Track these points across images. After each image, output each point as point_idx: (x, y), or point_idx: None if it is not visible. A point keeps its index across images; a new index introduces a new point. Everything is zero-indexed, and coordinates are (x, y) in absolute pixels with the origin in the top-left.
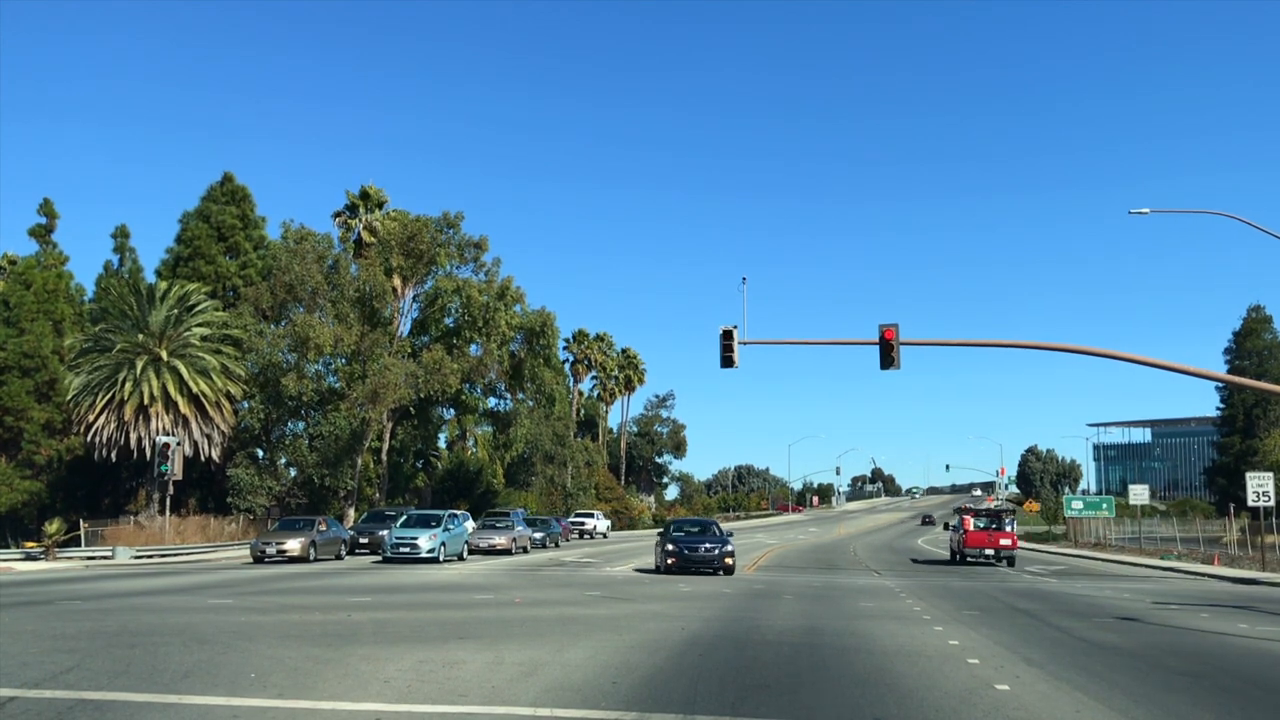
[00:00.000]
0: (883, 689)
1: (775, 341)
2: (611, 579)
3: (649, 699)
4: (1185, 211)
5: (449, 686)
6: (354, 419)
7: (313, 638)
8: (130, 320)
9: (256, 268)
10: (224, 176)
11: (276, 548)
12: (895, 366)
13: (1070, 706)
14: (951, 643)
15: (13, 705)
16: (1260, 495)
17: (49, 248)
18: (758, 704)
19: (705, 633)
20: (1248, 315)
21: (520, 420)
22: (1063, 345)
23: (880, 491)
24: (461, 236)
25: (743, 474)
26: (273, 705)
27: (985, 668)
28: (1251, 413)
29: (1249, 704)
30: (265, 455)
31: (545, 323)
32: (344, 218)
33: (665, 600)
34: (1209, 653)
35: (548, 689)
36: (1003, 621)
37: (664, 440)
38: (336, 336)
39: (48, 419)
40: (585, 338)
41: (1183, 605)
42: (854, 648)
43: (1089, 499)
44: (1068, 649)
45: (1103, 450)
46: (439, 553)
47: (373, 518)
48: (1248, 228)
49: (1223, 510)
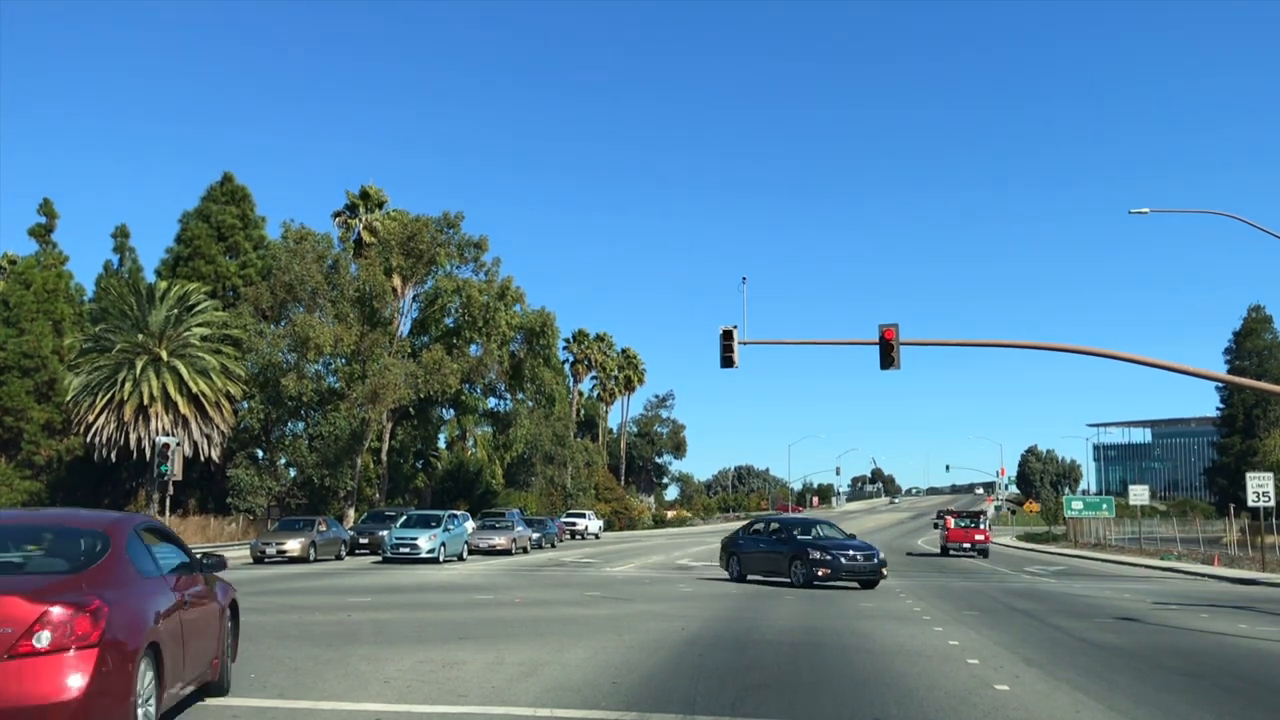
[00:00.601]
0: (883, 689)
1: (775, 341)
2: (611, 579)
3: (649, 699)
4: (1185, 211)
5: (449, 686)
6: (354, 419)
7: (313, 638)
8: (130, 320)
9: (256, 268)
10: (224, 176)
11: (276, 548)
12: (895, 366)
13: (1070, 706)
14: (951, 643)
15: None
16: (1260, 495)
17: (49, 247)
18: (758, 704)
19: (705, 633)
20: (1248, 315)
21: (520, 420)
22: (1063, 345)
23: (880, 491)
24: (461, 236)
25: (743, 474)
26: (273, 705)
27: (985, 668)
28: (1251, 413)
29: (1249, 704)
30: (265, 455)
31: (545, 323)
32: (344, 218)
33: (665, 600)
34: (1209, 653)
35: (548, 689)
36: (1002, 622)
37: (664, 440)
38: (336, 336)
39: (48, 419)
40: (585, 338)
41: (1182, 605)
42: (854, 647)
43: (1089, 499)
44: (1067, 649)
45: (1103, 450)
46: (439, 553)
47: (373, 518)
48: (1248, 228)
49: (1223, 510)
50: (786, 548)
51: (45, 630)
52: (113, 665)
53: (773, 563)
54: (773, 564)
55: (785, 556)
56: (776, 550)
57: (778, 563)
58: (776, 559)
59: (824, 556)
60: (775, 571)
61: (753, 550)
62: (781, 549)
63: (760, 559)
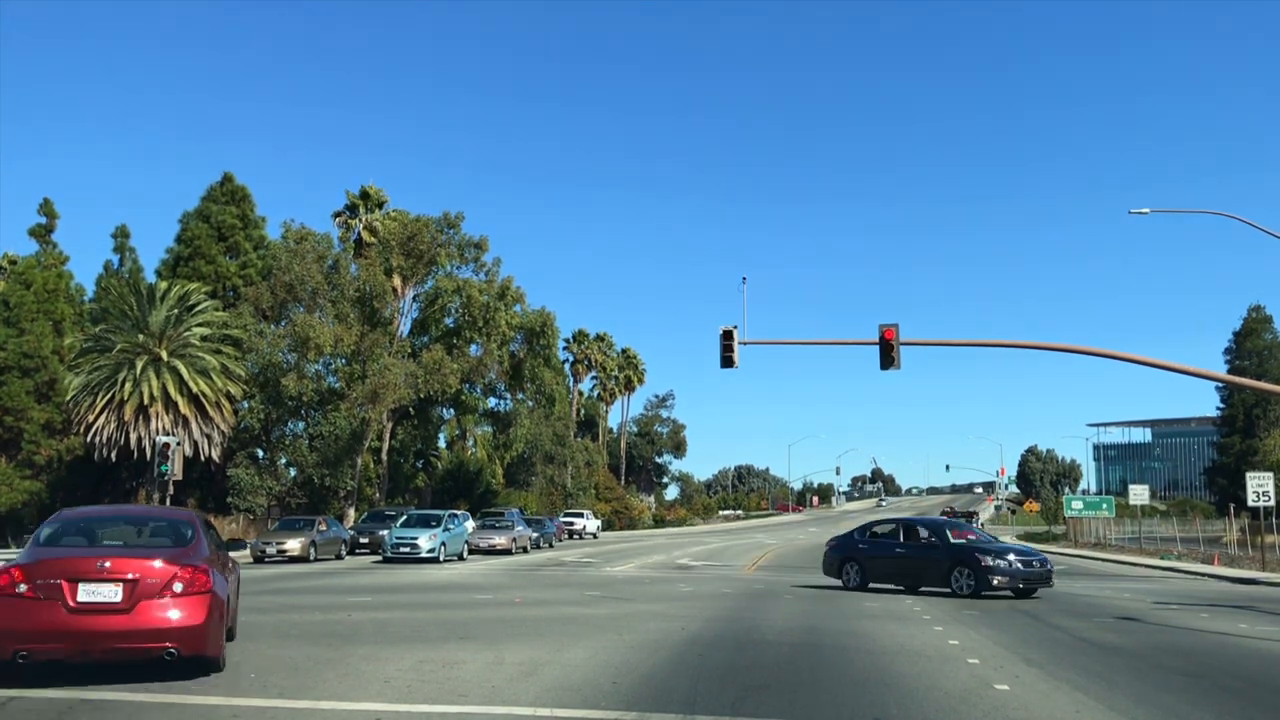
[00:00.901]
0: (883, 689)
1: (775, 341)
2: (611, 579)
3: (649, 699)
4: (1185, 211)
5: (449, 686)
6: (354, 419)
7: (313, 637)
8: (130, 320)
9: (256, 268)
10: (224, 176)
11: (277, 547)
12: (895, 366)
13: (1070, 706)
14: (951, 642)
15: (13, 705)
16: (1260, 495)
17: (49, 248)
18: (758, 704)
19: (705, 633)
20: (1248, 315)
21: (520, 420)
22: (1063, 345)
23: (880, 491)
24: (462, 236)
25: (743, 474)
26: (273, 705)
27: (985, 667)
28: (1251, 413)
29: (1249, 704)
30: (265, 455)
31: (545, 323)
32: (344, 218)
33: (665, 600)
34: (1209, 652)
35: (548, 689)
36: (1002, 621)
37: (664, 440)
38: (336, 336)
39: (48, 419)
40: (585, 338)
41: (1182, 605)
42: (854, 647)
43: (1089, 499)
44: (1067, 649)
45: (1103, 450)
46: (439, 552)
47: (373, 518)
48: (1248, 228)
49: (1223, 510)
50: (941, 553)
51: (178, 582)
52: (214, 604)
53: (917, 569)
54: (917, 570)
55: (940, 562)
56: (923, 555)
57: (925, 569)
58: (923, 565)
59: (997, 562)
60: (920, 579)
61: (883, 555)
62: (932, 554)
63: (895, 564)
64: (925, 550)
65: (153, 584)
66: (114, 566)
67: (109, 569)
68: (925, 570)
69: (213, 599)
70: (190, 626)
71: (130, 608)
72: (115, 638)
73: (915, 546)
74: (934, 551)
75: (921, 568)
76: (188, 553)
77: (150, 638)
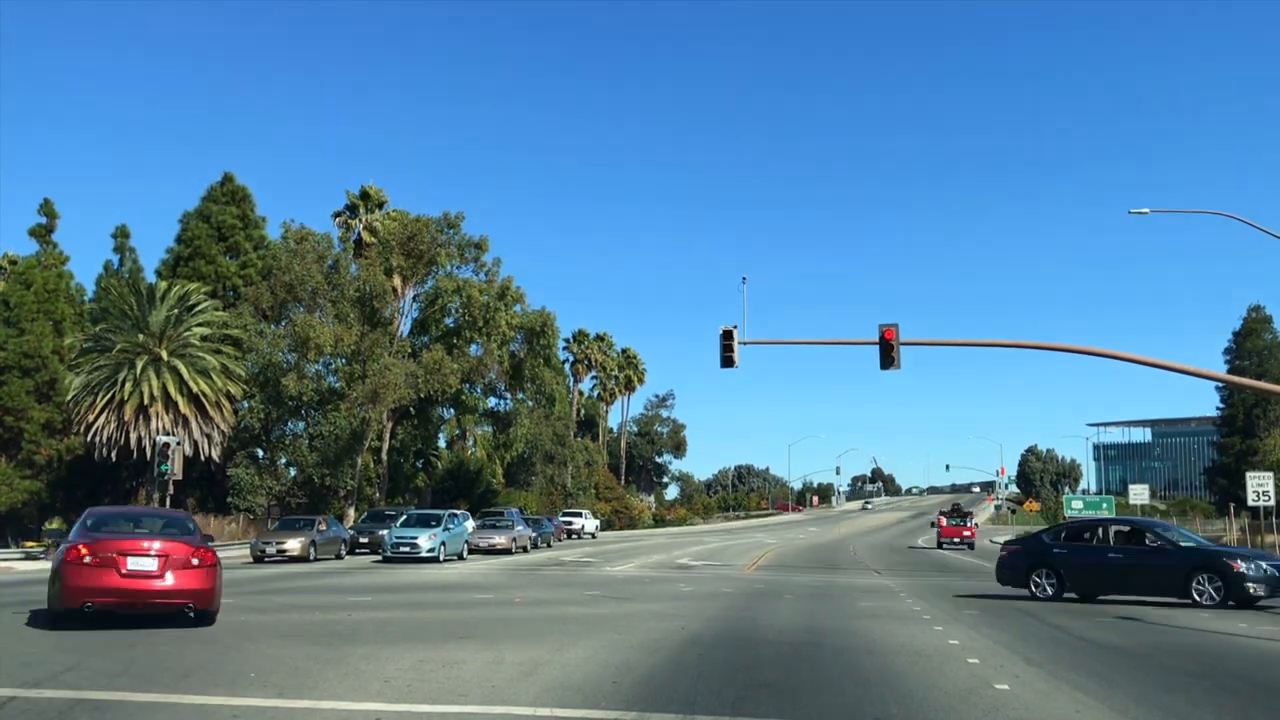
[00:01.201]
0: (883, 688)
1: (775, 341)
2: (611, 578)
3: (649, 698)
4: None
5: (449, 686)
6: (354, 419)
7: (313, 637)
8: (130, 320)
9: (257, 268)
10: (224, 176)
11: (276, 547)
12: (895, 366)
13: (1070, 706)
14: (951, 642)
15: (13, 705)
16: (1260, 495)
17: (49, 248)
18: (758, 704)
19: (705, 632)
20: (1248, 315)
21: (520, 420)
22: (1063, 345)
23: (880, 491)
24: (462, 236)
25: (743, 474)
26: (273, 705)
27: (985, 667)
28: (1251, 413)
29: (1248, 704)
30: (265, 455)
31: (545, 323)
32: (344, 218)
33: (665, 600)
34: (1209, 652)
35: (548, 688)
36: (1002, 621)
37: (664, 440)
38: (336, 336)
39: (48, 419)
40: (585, 338)
41: (1183, 605)
42: (854, 647)
43: (1089, 499)
44: (1067, 648)
45: (1103, 450)
46: (439, 552)
47: (373, 517)
48: (1248, 228)
49: (1223, 510)
50: (1176, 558)
51: (195, 558)
52: (218, 575)
53: (1142, 577)
54: (1142, 578)
55: (1174, 569)
56: (1148, 560)
57: (1153, 577)
58: (1149, 572)
59: (1251, 569)
60: (1147, 588)
61: (1091, 560)
62: (1161, 559)
63: (1108, 571)
64: (1150, 555)
65: (178, 559)
66: (153, 546)
67: (149, 548)
68: (1153, 578)
69: (218, 571)
70: (202, 589)
71: (163, 575)
72: (152, 595)
73: (1134, 550)
74: (1162, 556)
75: (1147, 575)
76: (196, 539)
77: (176, 596)
